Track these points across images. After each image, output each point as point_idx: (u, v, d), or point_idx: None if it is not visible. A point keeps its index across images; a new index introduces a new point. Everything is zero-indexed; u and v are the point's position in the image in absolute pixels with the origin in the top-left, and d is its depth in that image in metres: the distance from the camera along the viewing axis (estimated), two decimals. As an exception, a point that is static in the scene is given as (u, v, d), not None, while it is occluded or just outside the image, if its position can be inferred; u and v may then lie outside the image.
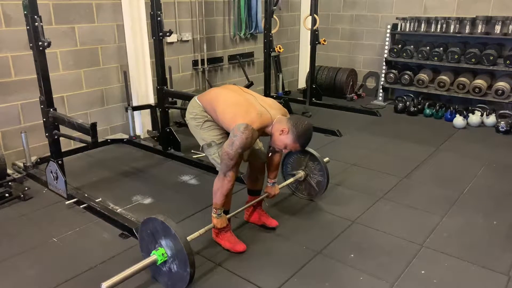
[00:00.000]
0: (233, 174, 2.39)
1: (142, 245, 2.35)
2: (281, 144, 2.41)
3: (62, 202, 3.25)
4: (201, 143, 2.60)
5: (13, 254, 2.61)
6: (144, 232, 2.29)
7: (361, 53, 6.70)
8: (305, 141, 2.40)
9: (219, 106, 2.44)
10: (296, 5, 6.76)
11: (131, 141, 4.50)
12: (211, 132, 2.54)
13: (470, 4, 5.46)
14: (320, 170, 3.14)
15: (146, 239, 2.30)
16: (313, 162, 3.16)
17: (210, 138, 2.53)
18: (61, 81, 4.05)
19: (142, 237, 2.33)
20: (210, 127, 2.54)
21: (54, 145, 3.23)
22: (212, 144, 2.53)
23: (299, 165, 3.24)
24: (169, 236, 2.15)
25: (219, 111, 2.43)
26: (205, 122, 2.54)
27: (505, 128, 4.89)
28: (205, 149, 2.59)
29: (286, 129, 2.36)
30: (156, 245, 2.23)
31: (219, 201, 2.46)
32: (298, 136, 2.35)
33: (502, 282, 2.36)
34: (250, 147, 2.42)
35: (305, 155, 3.19)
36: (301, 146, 2.41)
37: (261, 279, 2.38)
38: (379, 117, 5.59)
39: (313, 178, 3.20)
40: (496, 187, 3.54)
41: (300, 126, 2.36)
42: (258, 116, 2.37)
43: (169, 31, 3.89)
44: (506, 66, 5.06)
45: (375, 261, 2.55)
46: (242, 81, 5.61)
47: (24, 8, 2.88)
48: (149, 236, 2.27)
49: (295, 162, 3.27)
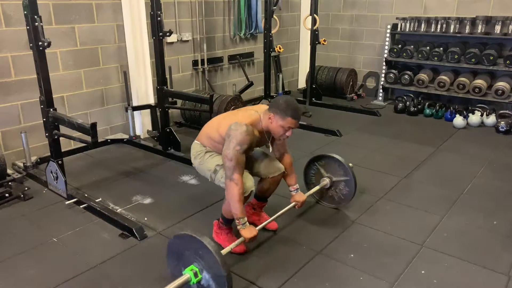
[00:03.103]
0: (238, 176, 2.33)
1: (171, 262, 2.20)
2: (279, 129, 2.40)
3: (62, 202, 3.25)
4: (208, 174, 2.57)
5: (13, 254, 2.61)
6: (174, 249, 2.16)
7: (361, 53, 6.70)
8: (293, 111, 2.37)
9: (212, 129, 2.54)
10: (296, 5, 6.76)
11: (131, 141, 4.50)
12: (214, 160, 2.56)
13: (470, 4, 5.46)
14: (346, 176, 3.00)
15: (175, 257, 2.16)
16: (338, 168, 3.02)
17: (214, 165, 2.54)
18: (61, 81, 4.05)
19: (171, 256, 2.18)
20: (211, 156, 2.58)
21: (54, 145, 3.23)
22: (217, 169, 2.52)
23: (323, 173, 3.10)
24: (202, 252, 2.00)
25: (213, 133, 2.51)
26: (206, 153, 2.59)
27: (505, 128, 4.89)
28: (213, 178, 2.56)
29: (271, 114, 2.40)
30: (187, 264, 2.08)
31: (237, 210, 2.34)
32: (284, 112, 2.35)
33: (502, 282, 2.36)
34: (249, 145, 2.38)
35: (329, 162, 3.06)
36: (293, 117, 2.36)
37: (261, 279, 2.38)
38: (379, 117, 5.59)
39: (339, 185, 3.06)
40: (496, 187, 3.54)
41: (280, 103, 2.37)
42: (246, 114, 2.45)
43: (169, 31, 3.89)
44: (506, 66, 5.06)
45: (375, 261, 2.55)
46: (242, 81, 5.62)
47: (24, 8, 2.88)
48: (178, 254, 2.13)
49: (319, 169, 3.13)
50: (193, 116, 4.90)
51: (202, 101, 4.24)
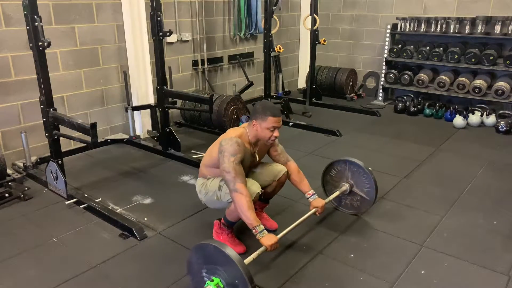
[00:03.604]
0: (241, 185, 2.32)
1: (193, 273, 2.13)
2: (265, 132, 2.48)
3: (62, 202, 3.25)
4: (215, 196, 2.56)
5: (13, 254, 2.61)
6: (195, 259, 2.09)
7: (361, 53, 6.70)
8: (270, 109, 2.45)
9: (209, 158, 2.61)
10: (296, 5, 6.76)
11: (131, 141, 4.50)
12: (215, 181, 2.59)
13: (470, 4, 5.46)
14: (367, 181, 2.93)
15: (197, 267, 2.09)
16: (359, 173, 2.95)
17: (217, 184, 2.55)
18: (61, 81, 4.05)
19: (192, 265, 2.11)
20: (212, 179, 2.62)
21: (54, 145, 3.23)
22: (221, 185, 2.52)
23: (342, 178, 3.04)
24: (227, 265, 1.94)
25: (212, 161, 2.57)
26: (207, 181, 2.64)
27: (505, 128, 4.89)
28: (219, 197, 2.53)
29: (253, 121, 2.49)
30: (210, 273, 2.03)
31: (249, 219, 2.29)
32: (263, 113, 2.45)
33: (502, 282, 2.36)
34: (243, 155, 2.42)
35: (348, 166, 2.99)
36: (272, 114, 2.44)
37: (261, 280, 2.38)
38: (379, 117, 5.59)
39: (360, 190, 2.97)
40: (496, 187, 3.54)
41: (256, 108, 2.49)
42: (232, 131, 2.57)
43: (169, 31, 3.89)
44: (506, 66, 5.06)
45: (375, 261, 2.55)
46: (242, 81, 5.62)
47: (24, 8, 2.88)
48: (200, 264, 2.06)
49: (337, 174, 3.06)
50: (193, 116, 4.90)
51: (202, 101, 4.24)
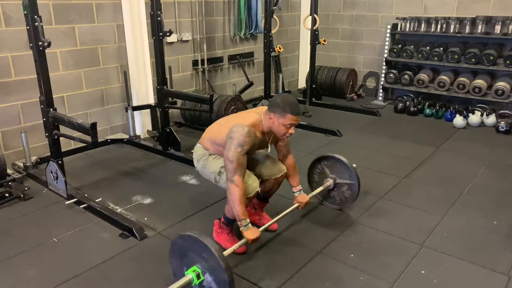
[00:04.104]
0: (239, 178, 2.34)
1: (173, 262, 2.22)
2: (281, 128, 2.40)
3: (62, 202, 3.25)
4: (212, 176, 2.58)
5: (13, 254, 2.61)
6: (176, 250, 2.17)
7: (361, 53, 6.70)
8: (291, 106, 2.36)
9: (214, 133, 2.56)
10: (296, 5, 6.76)
11: (131, 141, 4.50)
12: (217, 162, 2.57)
13: (470, 4, 5.46)
14: (349, 177, 3.01)
15: (178, 257, 2.17)
16: (342, 170, 3.02)
17: (219, 167, 2.54)
18: (61, 81, 4.05)
19: (174, 255, 2.19)
20: (214, 158, 2.59)
21: (54, 145, 3.23)
22: (221, 170, 2.52)
23: (327, 173, 3.11)
24: (206, 254, 2.01)
25: (216, 137, 2.53)
26: (209, 156, 2.61)
27: (505, 128, 4.89)
28: (217, 181, 2.57)
29: (271, 114, 2.40)
30: (190, 264, 2.09)
31: (238, 211, 2.34)
32: (283, 109, 2.35)
33: (502, 282, 2.36)
34: (251, 147, 2.40)
35: (332, 162, 3.06)
36: (292, 113, 2.36)
37: (261, 279, 2.38)
38: (379, 117, 5.59)
39: (342, 186, 3.06)
40: (496, 187, 3.54)
41: (277, 101, 2.38)
42: (247, 116, 2.47)
43: (169, 31, 3.89)
44: (506, 66, 5.06)
45: (375, 261, 2.55)
46: (242, 81, 5.62)
47: (24, 8, 2.88)
48: (181, 254, 2.14)
49: (322, 170, 3.14)
50: (193, 116, 4.90)
51: (202, 101, 4.24)
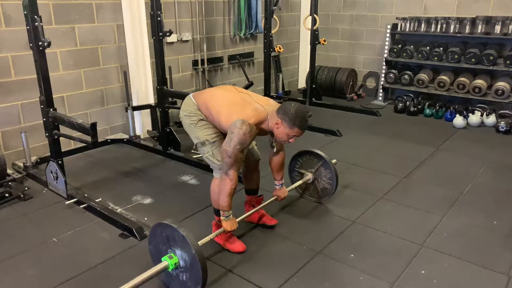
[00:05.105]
0: (234, 173, 2.36)
1: (152, 250, 2.32)
2: (284, 136, 2.40)
3: (62, 202, 3.25)
4: (195, 141, 2.60)
5: (13, 254, 2.61)
6: (154, 238, 2.26)
7: (361, 53, 6.70)
8: (301, 122, 2.35)
9: (214, 107, 2.46)
10: (296, 5, 6.76)
11: (131, 141, 4.50)
12: (205, 131, 2.53)
13: (470, 4, 5.46)
14: (328, 172, 3.12)
15: (157, 245, 2.26)
16: (321, 164, 3.14)
17: (204, 137, 2.53)
18: (61, 81, 4.05)
19: (152, 243, 2.29)
20: (204, 125, 2.54)
21: (54, 145, 3.23)
22: (206, 143, 2.53)
23: (307, 167, 3.22)
24: (181, 242, 2.11)
25: (214, 112, 2.46)
26: (200, 121, 2.54)
27: (505, 128, 4.89)
28: (198, 147, 2.60)
29: (279, 120, 2.35)
30: (167, 251, 2.20)
31: (224, 202, 2.40)
32: (293, 121, 2.32)
33: (502, 282, 2.36)
34: (249, 144, 2.42)
35: (312, 157, 3.17)
36: (300, 127, 2.35)
37: (261, 279, 2.38)
38: (379, 117, 5.59)
39: (322, 180, 3.17)
40: (496, 187, 3.54)
41: (290, 111, 2.31)
42: (254, 111, 2.39)
43: (169, 31, 3.89)
44: (506, 66, 5.05)
45: (375, 261, 2.55)
46: (242, 81, 5.61)
47: (24, 8, 2.88)
48: (159, 242, 2.24)
49: (303, 164, 3.24)
50: (193, 116, 4.90)
51: (202, 101, 4.24)
